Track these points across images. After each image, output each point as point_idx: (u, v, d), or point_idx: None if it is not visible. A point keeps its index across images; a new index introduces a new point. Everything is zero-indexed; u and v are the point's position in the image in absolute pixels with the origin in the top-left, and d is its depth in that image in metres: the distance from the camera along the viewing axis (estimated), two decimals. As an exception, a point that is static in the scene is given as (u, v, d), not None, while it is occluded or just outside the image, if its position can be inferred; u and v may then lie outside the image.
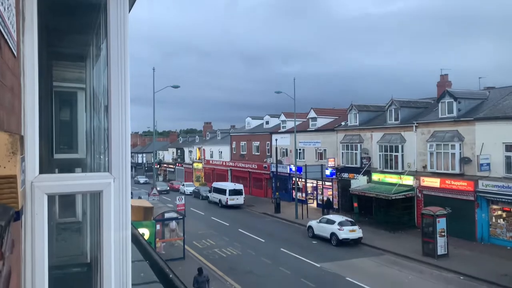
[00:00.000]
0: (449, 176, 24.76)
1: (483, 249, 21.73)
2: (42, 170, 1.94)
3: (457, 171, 24.32)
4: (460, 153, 24.27)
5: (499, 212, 22.94)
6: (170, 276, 4.07)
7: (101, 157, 3.20)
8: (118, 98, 2.08)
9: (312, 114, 38.61)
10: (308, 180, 33.81)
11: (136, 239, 5.72)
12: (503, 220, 22.69)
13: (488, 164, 22.38)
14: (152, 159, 43.57)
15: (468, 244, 22.40)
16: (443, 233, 20.26)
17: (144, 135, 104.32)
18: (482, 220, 23.15)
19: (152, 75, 29.52)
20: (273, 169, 40.42)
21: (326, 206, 32.06)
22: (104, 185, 2.09)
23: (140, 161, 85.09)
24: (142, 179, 68.13)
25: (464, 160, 23.85)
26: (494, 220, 23.01)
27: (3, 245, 0.89)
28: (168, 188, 53.28)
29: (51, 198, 3.57)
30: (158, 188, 26.20)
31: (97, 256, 2.31)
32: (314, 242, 24.39)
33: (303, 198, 34.48)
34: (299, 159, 36.96)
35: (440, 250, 20.11)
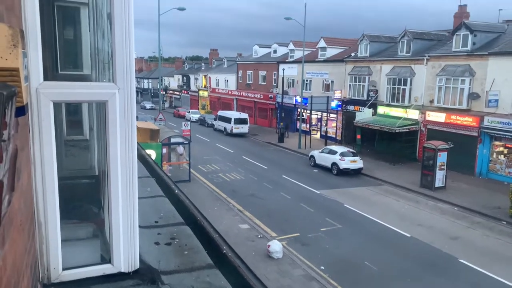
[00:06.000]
0: (455, 111, 24.60)
1: (480, 183, 22.28)
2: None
3: (464, 106, 24.10)
4: (469, 88, 23.85)
5: (501, 149, 23.13)
6: (176, 191, 4.26)
7: (106, 73, 3.18)
8: (121, 5, 2.01)
9: (322, 43, 37.39)
10: (313, 112, 33.79)
11: (143, 158, 5.89)
12: (504, 156, 22.96)
13: (497, 101, 22.11)
14: (158, 85, 43.30)
15: (466, 178, 22.93)
16: (442, 167, 20.66)
17: (149, 60, 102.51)
18: (483, 155, 23.43)
19: (157, -4, 28.31)
20: (279, 99, 40.20)
21: (281, 131, 34.25)
22: (109, 95, 2.10)
23: (146, 86, 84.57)
24: (148, 105, 68.25)
25: (473, 96, 23.53)
26: (495, 156, 23.29)
27: (5, 115, 0.92)
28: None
29: (58, 109, 3.60)
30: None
31: (104, 169, 2.40)
32: (315, 170, 25.05)
33: (307, 129, 34.73)
34: (306, 90, 36.58)
35: (438, 183, 20.65)
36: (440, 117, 25.55)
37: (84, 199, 3.23)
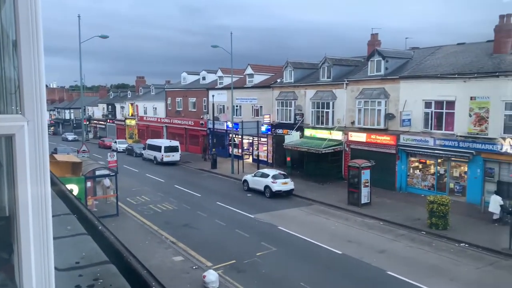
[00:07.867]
0: (374, 131, 26.42)
1: (401, 197, 23.92)
2: None
3: (382, 126, 26.00)
4: (385, 109, 25.85)
5: (416, 164, 25.18)
6: (100, 227, 3.99)
7: (13, 104, 2.94)
8: (28, 32, 1.88)
9: (249, 70, 38.41)
10: (244, 136, 34.22)
11: (63, 194, 5.47)
12: (419, 171, 24.99)
13: (409, 120, 24.17)
14: (81, 115, 41.08)
15: (389, 193, 24.49)
16: (367, 184, 21.88)
17: (71, 89, 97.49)
18: (402, 171, 25.31)
19: (78, 23, 27.20)
20: (210, 125, 40.19)
21: (203, 150, 39.52)
22: (16, 128, 1.92)
23: (67, 117, 79.86)
24: (70, 136, 64.38)
25: (389, 116, 25.50)
26: (411, 171, 25.26)
27: None
28: None
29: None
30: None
31: (13, 209, 2.17)
32: (249, 195, 25.15)
33: (239, 154, 34.97)
34: (236, 115, 37.05)
35: (364, 199, 21.79)
36: (361, 137, 27.25)
37: (-9, 244, 2.88)
